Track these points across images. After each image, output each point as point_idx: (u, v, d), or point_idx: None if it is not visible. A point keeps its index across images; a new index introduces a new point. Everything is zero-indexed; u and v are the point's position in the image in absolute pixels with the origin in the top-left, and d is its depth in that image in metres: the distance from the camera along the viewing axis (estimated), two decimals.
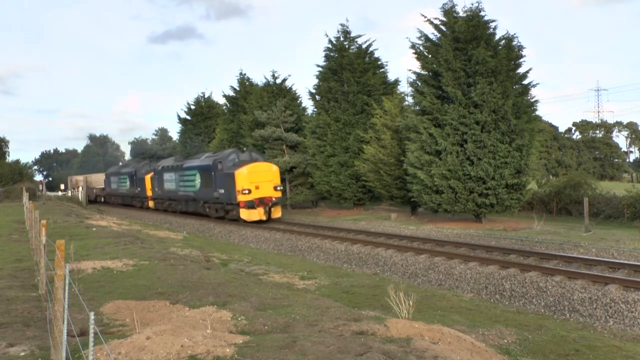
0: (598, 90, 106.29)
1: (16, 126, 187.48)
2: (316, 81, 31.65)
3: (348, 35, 30.81)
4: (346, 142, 29.50)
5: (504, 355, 6.79)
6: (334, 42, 30.74)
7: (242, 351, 5.40)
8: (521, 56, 22.56)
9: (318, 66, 31.42)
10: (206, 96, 52.47)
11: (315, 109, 32.48)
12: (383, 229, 21.84)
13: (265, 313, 7.64)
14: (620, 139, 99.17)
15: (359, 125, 29.19)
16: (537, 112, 23.28)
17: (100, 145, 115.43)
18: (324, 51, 31.02)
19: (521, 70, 22.67)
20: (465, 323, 8.50)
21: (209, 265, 13.99)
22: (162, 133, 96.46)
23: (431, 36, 23.82)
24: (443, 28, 23.28)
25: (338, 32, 30.96)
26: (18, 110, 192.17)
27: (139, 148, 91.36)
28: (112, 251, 13.95)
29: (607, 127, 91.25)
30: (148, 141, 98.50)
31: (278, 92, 38.10)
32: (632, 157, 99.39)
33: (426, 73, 23.94)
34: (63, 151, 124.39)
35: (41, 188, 54.85)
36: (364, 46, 30.64)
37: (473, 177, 21.61)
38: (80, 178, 61.85)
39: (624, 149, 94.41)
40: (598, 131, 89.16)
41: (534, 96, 22.93)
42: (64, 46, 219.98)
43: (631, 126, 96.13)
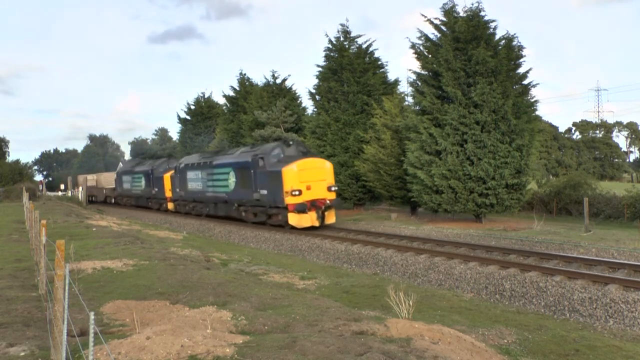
0: (598, 90, 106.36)
1: (16, 126, 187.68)
2: (316, 81, 31.66)
3: (348, 35, 30.81)
4: (346, 142, 29.51)
5: (504, 355, 6.79)
6: (334, 42, 30.74)
7: (242, 351, 5.40)
8: (521, 56, 22.57)
9: (318, 66, 31.44)
10: (206, 96, 52.59)
11: (315, 109, 32.47)
12: (383, 229, 21.84)
13: (265, 313, 7.64)
14: (620, 139, 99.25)
15: (359, 125, 29.19)
16: (537, 112, 23.31)
17: (100, 145, 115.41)
18: (324, 51, 31.04)
19: (521, 70, 22.69)
20: (465, 323, 8.50)
21: (209, 265, 13.99)
22: (162, 133, 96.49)
23: (431, 36, 23.83)
24: (443, 28, 23.28)
25: (338, 32, 30.98)
26: (18, 110, 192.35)
27: (139, 148, 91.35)
28: (112, 251, 13.95)
29: (607, 127, 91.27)
30: (148, 141, 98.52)
31: (278, 92, 38.12)
32: (632, 157, 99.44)
33: (426, 73, 23.94)
34: (63, 151, 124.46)
35: (41, 188, 54.83)
36: (364, 46, 30.66)
37: (473, 177, 21.62)
38: (88, 177, 58.80)
39: (624, 149, 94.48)
40: (598, 131, 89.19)
41: (534, 96, 22.97)
42: (64, 46, 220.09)
43: (631, 126, 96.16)
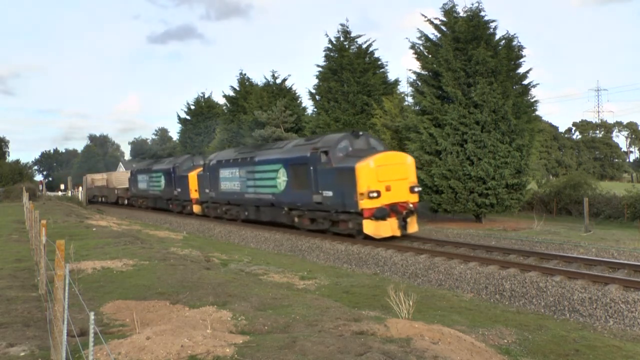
0: (598, 90, 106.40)
1: (16, 126, 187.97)
2: (316, 81, 31.67)
3: (348, 35, 30.82)
4: None
5: (504, 355, 6.79)
6: (334, 42, 30.75)
7: (242, 351, 5.40)
8: (521, 56, 22.60)
9: (318, 66, 31.45)
10: (206, 96, 52.60)
11: (315, 109, 32.48)
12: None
13: (265, 313, 7.64)
14: (620, 139, 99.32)
15: (359, 125, 29.19)
16: (537, 112, 23.36)
17: (100, 145, 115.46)
18: (324, 51, 31.04)
19: (521, 70, 22.72)
20: (465, 323, 8.50)
21: (209, 265, 14.00)
22: (162, 133, 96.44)
23: (431, 36, 23.85)
24: (443, 28, 23.30)
25: (338, 32, 31.00)
26: (18, 110, 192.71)
27: (139, 148, 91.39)
28: (112, 251, 13.96)
29: (607, 127, 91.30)
30: (148, 141, 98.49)
31: (278, 92, 38.14)
32: (632, 157, 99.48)
33: (426, 73, 23.96)
34: (63, 151, 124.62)
35: (41, 188, 54.82)
36: (364, 46, 30.66)
37: (473, 177, 21.63)
38: (97, 177, 55.45)
39: (624, 149, 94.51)
40: (598, 131, 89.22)
41: (534, 96, 23.01)
42: (64, 46, 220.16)
43: (631, 126, 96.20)
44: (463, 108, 21.84)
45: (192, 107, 52.15)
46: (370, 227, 17.09)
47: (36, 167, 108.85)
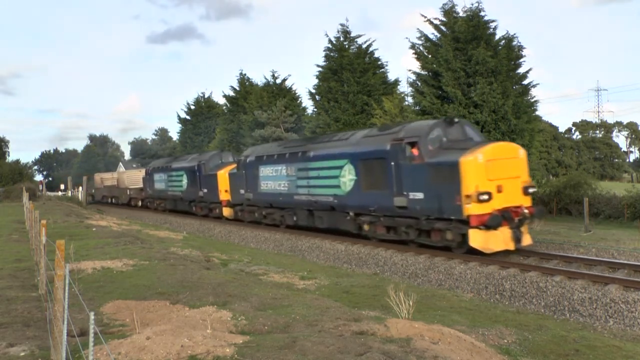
0: (598, 90, 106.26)
1: (16, 126, 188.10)
2: (316, 81, 31.71)
3: (348, 35, 30.85)
4: None
5: (504, 355, 6.79)
6: (334, 42, 30.78)
7: (242, 351, 5.40)
8: (521, 56, 22.63)
9: (318, 66, 31.49)
10: (206, 96, 52.68)
11: (315, 109, 32.50)
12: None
13: (265, 313, 7.64)
14: (620, 139, 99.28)
15: (359, 125, 29.19)
16: (537, 112, 23.41)
17: (100, 145, 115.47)
18: (324, 51, 31.09)
19: (521, 70, 22.75)
20: (465, 323, 8.50)
21: (209, 265, 14.00)
22: (162, 133, 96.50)
23: (431, 36, 23.86)
24: (443, 28, 23.33)
25: (338, 32, 31.06)
26: (18, 110, 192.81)
27: (139, 148, 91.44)
28: (112, 251, 13.96)
29: (607, 127, 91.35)
30: (148, 141, 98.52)
31: (278, 92, 38.17)
32: (632, 157, 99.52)
33: (426, 73, 23.98)
34: (63, 151, 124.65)
35: (41, 188, 54.82)
36: (364, 46, 30.70)
37: None
38: (107, 176, 52.53)
39: (624, 149, 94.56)
40: (598, 131, 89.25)
41: (534, 96, 23.06)
42: (64, 46, 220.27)
43: (631, 126, 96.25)
44: (463, 108, 21.85)
45: (192, 107, 52.21)
46: (477, 239, 13.37)
47: (36, 167, 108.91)
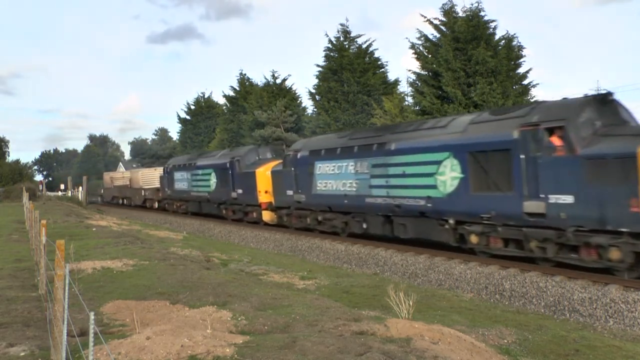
0: (598, 90, 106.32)
1: (16, 126, 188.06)
2: (316, 81, 31.71)
3: (348, 35, 30.85)
4: None
5: (504, 355, 6.79)
6: (334, 42, 30.78)
7: (242, 351, 5.40)
8: (521, 56, 22.63)
9: (318, 66, 31.48)
10: (206, 96, 52.63)
11: (315, 109, 32.50)
12: None
13: (265, 313, 7.64)
14: None
15: (359, 125, 29.21)
16: None
17: (100, 145, 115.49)
18: (324, 51, 31.08)
19: (521, 70, 22.74)
20: (465, 323, 8.50)
21: (209, 265, 14.00)
22: (162, 133, 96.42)
23: (431, 36, 23.87)
24: (443, 28, 23.33)
25: (338, 32, 31.05)
26: (18, 110, 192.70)
27: (139, 148, 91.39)
28: (112, 251, 13.96)
29: None
30: (148, 141, 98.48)
31: (278, 92, 38.16)
32: None
33: (426, 73, 23.98)
34: (63, 151, 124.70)
35: (41, 188, 54.82)
36: (364, 46, 30.70)
37: None
38: (118, 175, 49.15)
39: None
40: None
41: (534, 96, 23.01)
42: (64, 46, 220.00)
43: None
44: (463, 108, 21.85)
45: (192, 107, 52.19)
46: None
47: (36, 167, 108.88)
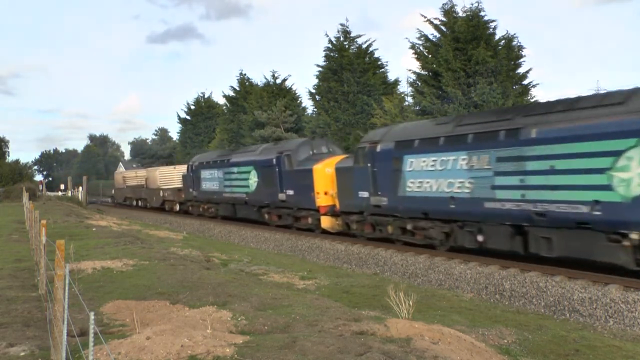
0: (598, 90, 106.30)
1: (16, 126, 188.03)
2: (316, 81, 31.70)
3: (348, 35, 30.84)
4: (346, 143, 29.49)
5: (504, 355, 6.79)
6: (334, 42, 30.77)
7: (242, 351, 5.40)
8: (521, 56, 22.65)
9: (318, 66, 31.47)
10: (206, 96, 52.62)
11: (315, 109, 32.49)
12: None
13: (265, 313, 7.64)
14: None
15: (359, 125, 29.19)
16: None
17: (100, 145, 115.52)
18: (324, 51, 31.07)
19: (521, 70, 22.77)
20: (465, 323, 8.49)
21: (209, 265, 14.00)
22: (162, 133, 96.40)
23: (431, 36, 23.87)
24: (443, 28, 23.33)
25: (338, 32, 31.03)
26: (18, 110, 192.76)
27: (139, 148, 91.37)
28: (112, 251, 13.96)
29: None
30: (148, 141, 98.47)
31: (278, 92, 38.14)
32: None
33: (426, 73, 23.98)
34: (63, 151, 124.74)
35: (41, 188, 54.81)
36: (364, 46, 30.70)
37: None
38: (131, 174, 44.27)
39: None
40: None
41: (535, 96, 23.03)
42: (64, 46, 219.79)
43: None
44: (463, 108, 21.84)
45: (192, 107, 52.19)
46: None
47: (36, 167, 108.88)
